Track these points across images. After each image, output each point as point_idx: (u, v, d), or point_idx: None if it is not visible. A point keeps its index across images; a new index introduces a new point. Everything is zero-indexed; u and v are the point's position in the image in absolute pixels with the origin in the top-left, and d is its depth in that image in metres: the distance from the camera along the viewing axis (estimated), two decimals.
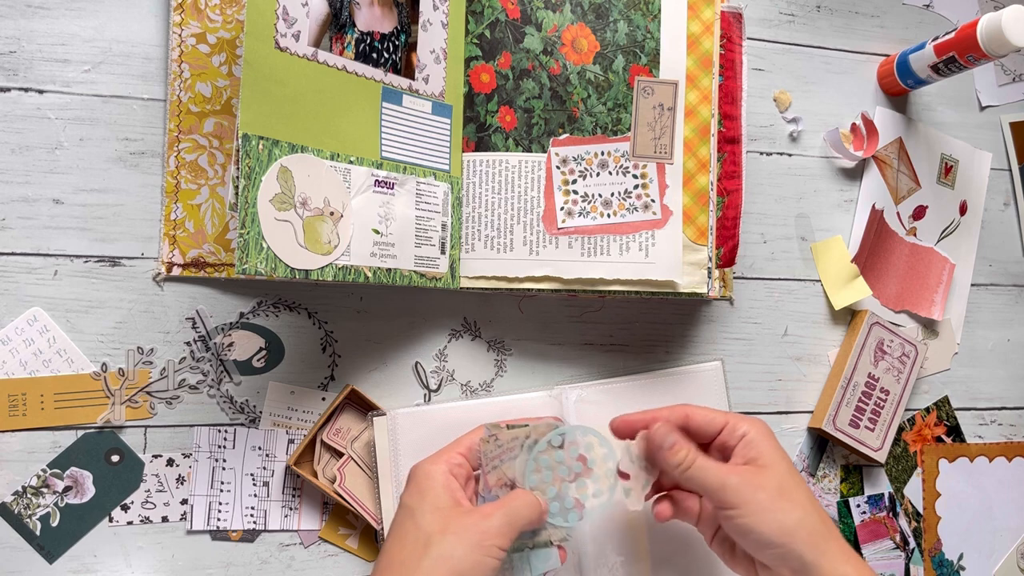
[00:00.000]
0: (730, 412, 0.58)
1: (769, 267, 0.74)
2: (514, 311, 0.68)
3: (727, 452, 0.57)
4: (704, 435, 0.58)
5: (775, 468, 0.54)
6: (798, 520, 0.52)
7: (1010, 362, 0.81)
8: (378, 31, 0.59)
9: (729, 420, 0.57)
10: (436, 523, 0.51)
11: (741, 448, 0.55)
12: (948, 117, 0.81)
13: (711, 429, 0.57)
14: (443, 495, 0.53)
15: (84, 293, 0.59)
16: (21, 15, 0.59)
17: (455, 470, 0.55)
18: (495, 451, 0.57)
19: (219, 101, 0.61)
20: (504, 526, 0.51)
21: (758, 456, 0.55)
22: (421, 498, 0.53)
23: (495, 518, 0.51)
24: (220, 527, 0.61)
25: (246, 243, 0.51)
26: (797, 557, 0.51)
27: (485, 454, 0.56)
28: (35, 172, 0.59)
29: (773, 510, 0.52)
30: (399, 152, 0.60)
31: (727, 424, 0.57)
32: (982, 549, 0.78)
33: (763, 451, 0.55)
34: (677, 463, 0.54)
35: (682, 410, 0.58)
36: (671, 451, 0.55)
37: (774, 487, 0.53)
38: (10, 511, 0.58)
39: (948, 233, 0.80)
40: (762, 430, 0.56)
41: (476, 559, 0.50)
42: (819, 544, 0.52)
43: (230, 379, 0.62)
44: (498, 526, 0.51)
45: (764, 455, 0.54)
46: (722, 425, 0.57)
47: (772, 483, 0.53)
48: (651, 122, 0.63)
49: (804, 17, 0.77)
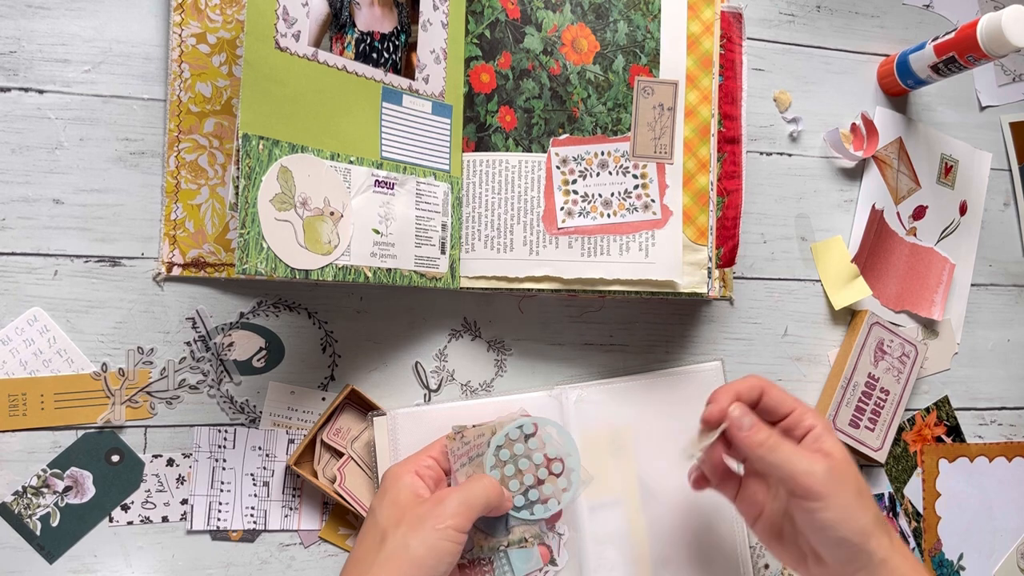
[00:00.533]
0: (799, 400, 0.57)
1: (769, 267, 0.74)
2: (514, 311, 0.68)
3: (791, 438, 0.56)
4: (772, 414, 0.57)
5: (852, 466, 0.53)
6: (874, 522, 0.52)
7: (1010, 362, 0.81)
8: (378, 31, 0.59)
9: (797, 407, 0.56)
10: (391, 517, 0.52)
11: (811, 441, 0.54)
12: (948, 117, 0.81)
13: (781, 410, 0.56)
14: (403, 492, 0.53)
15: (84, 293, 0.59)
16: (21, 15, 0.59)
17: (422, 471, 0.55)
18: (462, 448, 0.58)
19: (219, 101, 0.61)
20: (460, 506, 0.51)
21: (831, 451, 0.53)
22: (382, 498, 0.54)
23: (449, 500, 0.52)
24: (220, 527, 0.61)
25: (246, 243, 0.51)
26: (867, 556, 0.51)
27: (452, 452, 0.57)
28: (35, 172, 0.59)
29: (855, 508, 0.51)
30: (399, 152, 0.60)
31: (795, 411, 0.56)
32: (982, 549, 0.78)
33: (835, 447, 0.54)
34: (760, 442, 0.53)
35: (758, 384, 0.57)
36: (751, 431, 0.54)
37: (854, 485, 0.52)
38: (10, 511, 0.58)
39: (948, 233, 0.80)
40: (829, 427, 0.55)
41: (431, 543, 0.50)
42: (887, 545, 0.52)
43: (230, 379, 0.62)
44: (453, 508, 0.51)
45: (836, 450, 0.54)
46: (790, 410, 0.56)
47: (852, 481, 0.52)
48: (651, 122, 0.63)
49: (804, 17, 0.77)
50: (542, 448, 0.59)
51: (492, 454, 0.57)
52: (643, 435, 0.67)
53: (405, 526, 0.51)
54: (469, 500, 0.52)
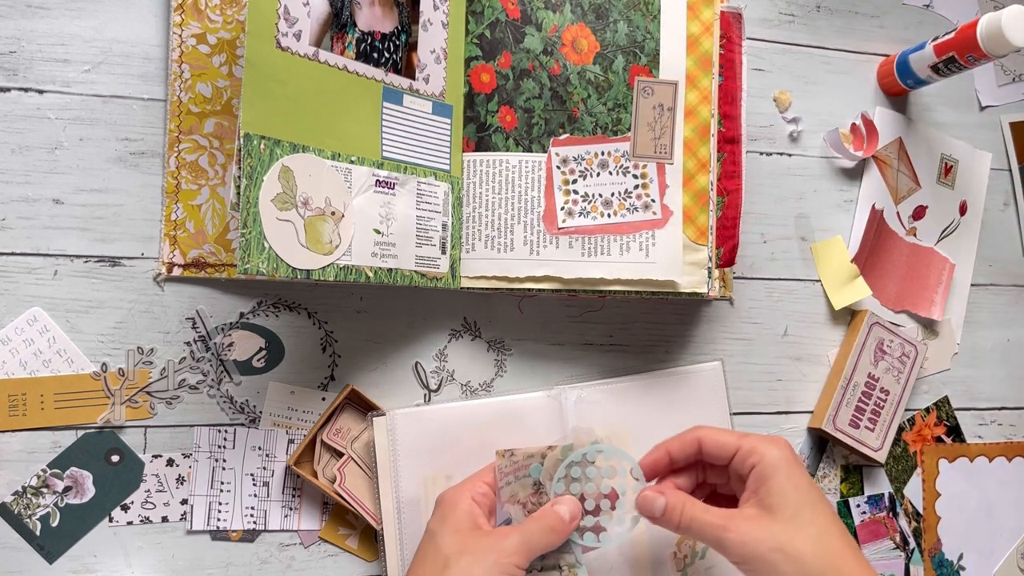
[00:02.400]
0: (746, 434, 0.55)
1: (769, 267, 0.74)
2: (514, 311, 0.68)
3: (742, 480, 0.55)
4: (719, 459, 0.55)
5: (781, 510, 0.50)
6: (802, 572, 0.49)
7: (1010, 362, 0.81)
8: (379, 31, 0.59)
9: (742, 444, 0.54)
10: (455, 545, 0.51)
11: (751, 480, 0.53)
12: (948, 117, 0.81)
13: (724, 454, 0.55)
14: (464, 520, 0.53)
15: (84, 293, 0.59)
16: (21, 15, 0.59)
17: (479, 498, 0.55)
18: (509, 467, 0.56)
19: (219, 101, 0.61)
20: (521, 545, 0.51)
21: (766, 494, 0.51)
22: (443, 522, 0.53)
23: (512, 538, 0.52)
24: (220, 527, 0.61)
25: (248, 243, 0.51)
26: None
27: (499, 469, 0.56)
28: (35, 172, 0.59)
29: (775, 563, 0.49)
30: (400, 152, 0.61)
31: (739, 449, 0.54)
32: (982, 549, 0.78)
33: (772, 485, 0.51)
34: (676, 525, 0.53)
35: (693, 436, 0.56)
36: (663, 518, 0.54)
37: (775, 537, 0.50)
38: (10, 511, 0.58)
39: (948, 233, 0.80)
40: (775, 456, 0.53)
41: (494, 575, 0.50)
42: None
43: (230, 379, 0.62)
44: (515, 545, 0.51)
45: (772, 492, 0.51)
46: (735, 449, 0.54)
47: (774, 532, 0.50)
48: (651, 122, 0.63)
49: (804, 17, 0.78)
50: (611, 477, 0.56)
51: (565, 467, 0.56)
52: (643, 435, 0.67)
53: (469, 556, 0.50)
54: (530, 542, 0.52)
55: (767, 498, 0.51)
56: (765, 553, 0.49)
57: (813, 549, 0.49)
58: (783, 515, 0.51)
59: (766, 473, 0.52)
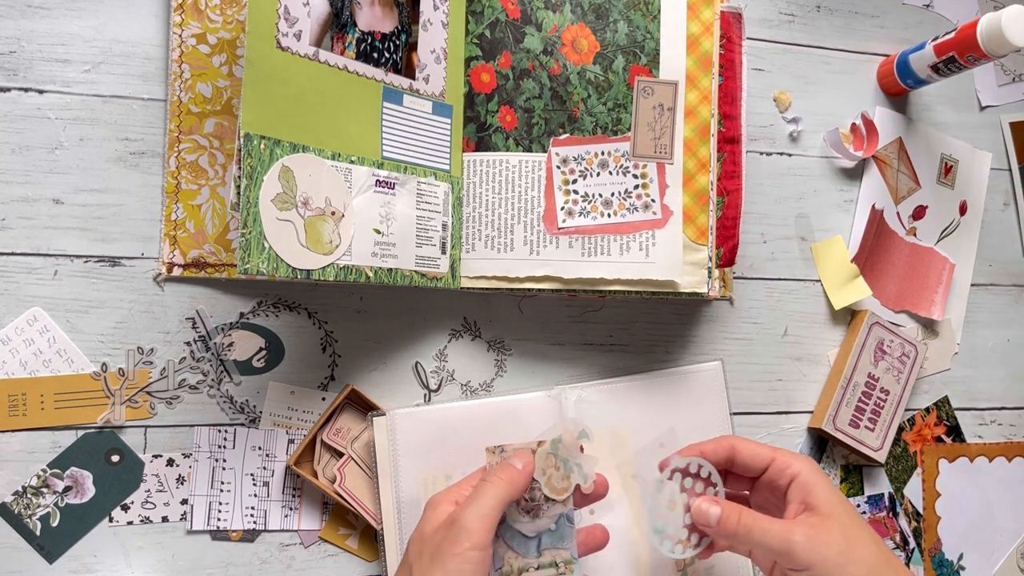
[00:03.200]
0: (776, 447, 0.56)
1: (769, 267, 0.74)
2: (514, 311, 0.68)
3: (776, 492, 0.55)
4: (750, 470, 0.56)
5: (837, 516, 0.51)
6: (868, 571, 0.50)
7: (1010, 362, 0.81)
8: (379, 31, 0.59)
9: (776, 456, 0.55)
10: (416, 552, 0.51)
11: (796, 490, 0.53)
12: (948, 117, 0.81)
13: (757, 464, 0.55)
14: (431, 522, 0.52)
15: (84, 293, 0.59)
16: (21, 15, 0.59)
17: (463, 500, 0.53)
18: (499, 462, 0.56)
19: (219, 102, 0.61)
20: (473, 520, 0.49)
21: (816, 502, 0.52)
22: (419, 529, 0.52)
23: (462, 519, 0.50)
24: (220, 527, 0.61)
25: (248, 243, 0.51)
26: None
27: (489, 464, 0.56)
28: (35, 172, 0.59)
29: (845, 564, 0.50)
30: (400, 152, 0.60)
31: (774, 460, 0.54)
32: (982, 549, 0.78)
33: (820, 495, 0.52)
34: (732, 532, 0.52)
35: (727, 443, 0.56)
36: (720, 525, 0.53)
37: (841, 540, 0.50)
38: (10, 511, 0.58)
39: (948, 233, 0.80)
40: (813, 468, 0.54)
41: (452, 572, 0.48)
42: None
43: (230, 379, 0.62)
44: (467, 524, 0.49)
45: (822, 500, 0.52)
46: (769, 460, 0.55)
47: (838, 535, 0.51)
48: (651, 122, 0.63)
49: (804, 17, 0.78)
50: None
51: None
52: (643, 435, 0.67)
53: (427, 557, 0.49)
54: (481, 512, 0.50)
55: (820, 506, 0.52)
56: (835, 555, 0.50)
57: (873, 550, 0.51)
58: (840, 520, 0.51)
59: (811, 482, 0.53)
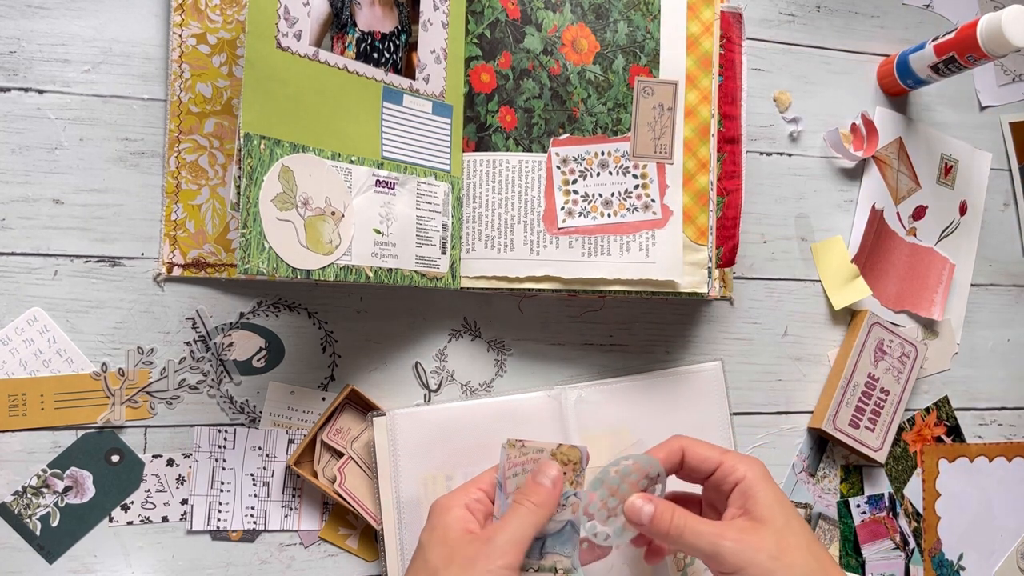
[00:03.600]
0: (727, 450, 0.56)
1: (769, 267, 0.74)
2: (514, 311, 0.68)
3: (720, 496, 0.55)
4: (699, 472, 0.56)
5: (772, 521, 0.51)
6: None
7: (1010, 362, 0.81)
8: (379, 31, 0.59)
9: (724, 460, 0.55)
10: (442, 557, 0.50)
11: (736, 496, 0.53)
12: (948, 117, 0.81)
13: (706, 467, 0.55)
14: (453, 527, 0.51)
15: (84, 293, 0.59)
16: (21, 15, 0.59)
17: (473, 505, 0.53)
18: (519, 457, 0.56)
19: (219, 102, 0.61)
20: (508, 544, 0.50)
21: (754, 507, 0.52)
22: (431, 533, 0.52)
23: (499, 538, 0.50)
24: (220, 527, 0.61)
25: (248, 243, 0.51)
26: None
27: (509, 458, 0.55)
28: (35, 172, 0.59)
29: (773, 570, 0.50)
30: (400, 152, 0.61)
31: (722, 464, 0.54)
32: (982, 549, 0.78)
33: (759, 500, 0.52)
34: (664, 532, 0.52)
35: (677, 444, 0.56)
36: (652, 522, 0.52)
37: (772, 545, 0.50)
38: (10, 511, 0.58)
39: (948, 233, 0.80)
40: (758, 473, 0.54)
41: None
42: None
43: (230, 379, 0.62)
44: (502, 546, 0.50)
45: (760, 505, 0.52)
46: (717, 464, 0.55)
47: (770, 541, 0.50)
48: (651, 122, 0.63)
49: (804, 17, 0.78)
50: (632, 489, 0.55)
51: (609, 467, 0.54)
52: (643, 435, 0.67)
53: (457, 567, 0.49)
54: (516, 537, 0.50)
55: (756, 511, 0.52)
56: (764, 560, 0.50)
57: (804, 557, 0.50)
58: (774, 526, 0.51)
59: (753, 488, 0.53)
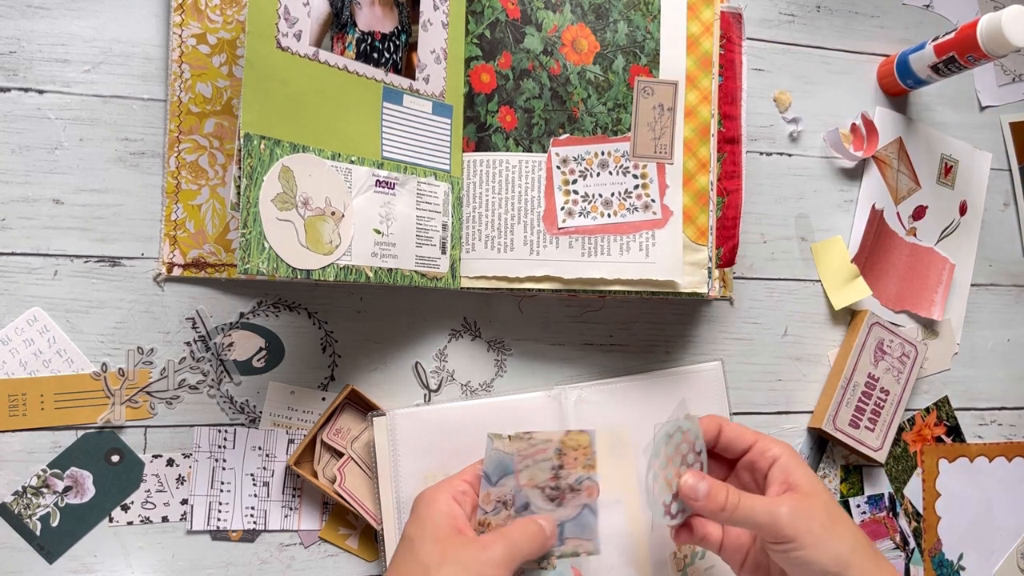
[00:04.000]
0: (758, 432, 0.57)
1: (769, 267, 0.74)
2: (514, 311, 0.68)
3: (757, 474, 0.56)
4: (732, 451, 0.57)
5: (819, 495, 0.53)
6: (851, 547, 0.51)
7: (1010, 362, 0.81)
8: (379, 31, 0.59)
9: (758, 440, 0.56)
10: (434, 554, 0.50)
11: (777, 472, 0.55)
12: (948, 117, 0.81)
13: (740, 445, 0.57)
14: (443, 524, 0.52)
15: (84, 293, 0.59)
16: (21, 15, 0.59)
17: (459, 497, 0.54)
18: (528, 449, 0.56)
19: (219, 102, 0.61)
20: (503, 557, 0.50)
21: (797, 482, 0.54)
22: (422, 528, 0.52)
23: (495, 549, 0.50)
24: (220, 527, 0.61)
25: (248, 243, 0.51)
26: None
27: (519, 452, 0.55)
28: (35, 172, 0.59)
29: (828, 539, 0.51)
30: (400, 152, 0.61)
31: (756, 443, 0.56)
32: (982, 549, 0.78)
33: (800, 476, 0.54)
34: (720, 506, 0.53)
35: (716, 422, 0.58)
36: (708, 499, 0.53)
37: (824, 515, 0.52)
38: (10, 511, 0.58)
39: (948, 233, 0.80)
40: (793, 453, 0.55)
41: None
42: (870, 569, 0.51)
43: (230, 379, 0.62)
44: (498, 557, 0.50)
45: (803, 481, 0.54)
46: (751, 443, 0.56)
47: (821, 511, 0.52)
48: (651, 122, 0.63)
49: (804, 17, 0.78)
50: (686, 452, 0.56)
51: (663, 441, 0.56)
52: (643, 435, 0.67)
53: (450, 567, 0.49)
54: (513, 553, 0.51)
55: (802, 485, 0.54)
56: (817, 528, 0.51)
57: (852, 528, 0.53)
58: (821, 498, 0.53)
59: (792, 465, 0.55)
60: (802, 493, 0.53)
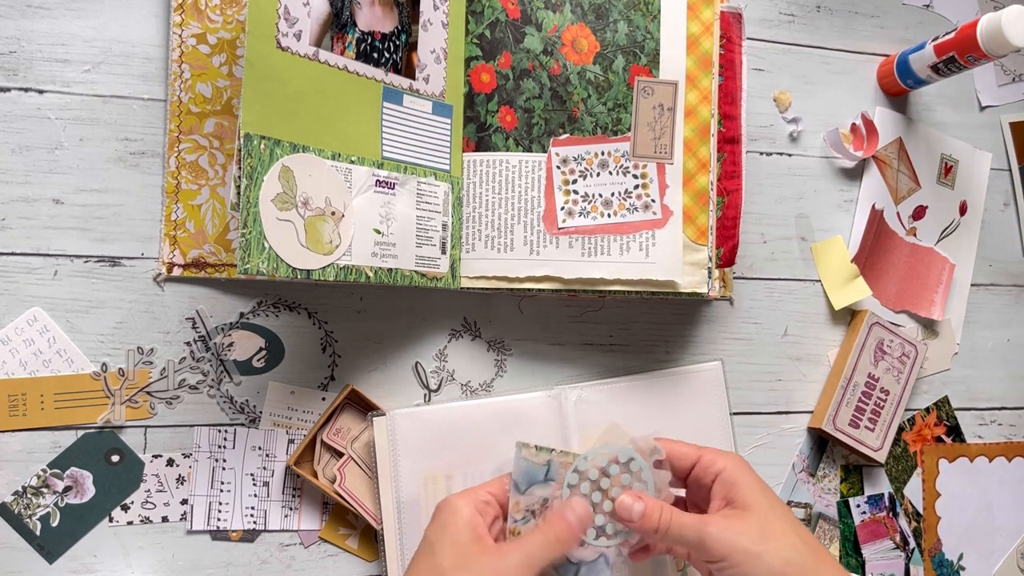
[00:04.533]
0: (704, 447, 0.56)
1: (769, 267, 0.74)
2: (514, 311, 0.68)
3: (703, 490, 0.55)
4: (678, 470, 0.56)
5: (756, 507, 0.52)
6: (785, 560, 0.50)
7: (1010, 362, 0.81)
8: (379, 31, 0.59)
9: (703, 455, 0.55)
10: (453, 560, 0.50)
11: (718, 487, 0.54)
12: (948, 117, 0.81)
13: (684, 463, 0.55)
14: (464, 531, 0.51)
15: (84, 293, 0.59)
16: (21, 15, 0.59)
17: (482, 507, 0.53)
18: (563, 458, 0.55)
19: (219, 102, 0.61)
20: (522, 565, 0.50)
21: (736, 496, 0.52)
22: (442, 533, 0.51)
23: (512, 557, 0.50)
24: (220, 527, 0.61)
25: (248, 243, 0.51)
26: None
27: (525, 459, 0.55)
28: (35, 172, 0.59)
29: (759, 554, 0.50)
30: (400, 152, 0.61)
31: (700, 458, 0.55)
32: (982, 549, 0.78)
33: (742, 489, 0.53)
34: (653, 528, 0.52)
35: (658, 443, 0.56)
36: (643, 520, 0.52)
37: (756, 530, 0.51)
38: (10, 511, 0.58)
39: (948, 233, 0.80)
40: (738, 464, 0.54)
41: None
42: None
43: (230, 379, 0.62)
44: (516, 565, 0.50)
45: (743, 493, 0.52)
46: (695, 459, 0.55)
47: (753, 526, 0.51)
48: (651, 122, 0.63)
49: (804, 17, 0.78)
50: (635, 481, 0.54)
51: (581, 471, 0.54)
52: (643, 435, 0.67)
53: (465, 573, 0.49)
54: (531, 561, 0.50)
55: (740, 499, 0.52)
56: (748, 544, 0.50)
57: (790, 539, 0.51)
58: (758, 511, 0.52)
59: (733, 478, 0.53)
60: (737, 507, 0.52)
